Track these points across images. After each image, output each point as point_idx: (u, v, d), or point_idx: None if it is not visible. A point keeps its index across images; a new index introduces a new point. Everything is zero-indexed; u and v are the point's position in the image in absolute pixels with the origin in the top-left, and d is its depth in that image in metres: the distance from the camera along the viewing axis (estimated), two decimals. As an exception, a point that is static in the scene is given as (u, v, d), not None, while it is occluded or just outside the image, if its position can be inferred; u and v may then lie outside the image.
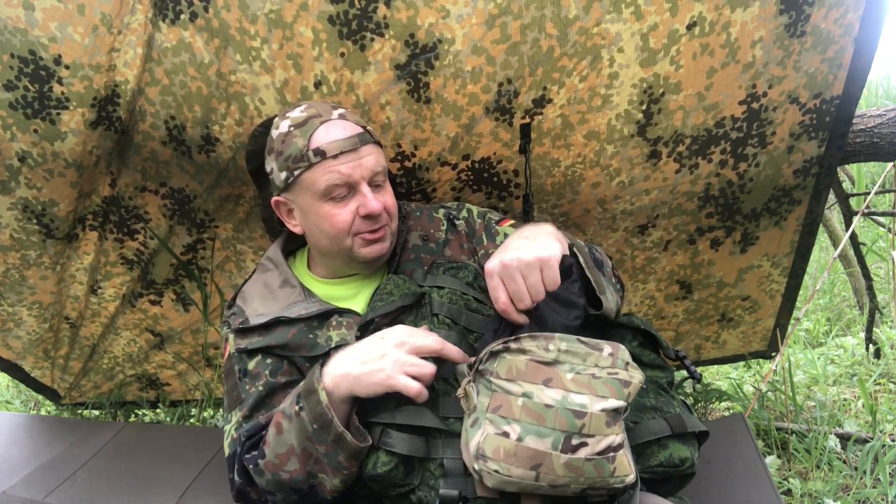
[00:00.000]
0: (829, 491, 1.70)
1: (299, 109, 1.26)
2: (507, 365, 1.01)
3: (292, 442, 1.09)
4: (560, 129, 1.58)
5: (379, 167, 1.24)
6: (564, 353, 1.00)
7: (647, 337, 1.23)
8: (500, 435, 0.97)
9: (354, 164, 1.20)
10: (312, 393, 1.07)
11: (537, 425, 0.96)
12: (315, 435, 1.07)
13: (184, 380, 2.31)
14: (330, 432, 1.05)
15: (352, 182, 1.21)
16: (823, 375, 2.45)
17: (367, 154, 1.22)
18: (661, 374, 1.22)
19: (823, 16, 1.46)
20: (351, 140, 1.21)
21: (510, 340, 1.02)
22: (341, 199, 1.22)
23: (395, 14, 1.38)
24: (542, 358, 1.00)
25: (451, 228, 1.37)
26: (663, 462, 1.11)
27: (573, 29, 1.42)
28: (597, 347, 1.01)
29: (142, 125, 1.61)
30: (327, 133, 1.21)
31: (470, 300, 1.18)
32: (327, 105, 1.27)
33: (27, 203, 1.69)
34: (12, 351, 2.11)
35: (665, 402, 1.17)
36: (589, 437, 0.96)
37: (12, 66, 1.45)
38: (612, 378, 1.00)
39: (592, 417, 0.96)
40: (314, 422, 1.06)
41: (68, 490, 1.64)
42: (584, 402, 0.97)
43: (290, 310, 1.25)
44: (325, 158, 1.19)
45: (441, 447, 1.07)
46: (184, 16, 1.43)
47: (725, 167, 1.69)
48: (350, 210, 1.22)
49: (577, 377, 0.99)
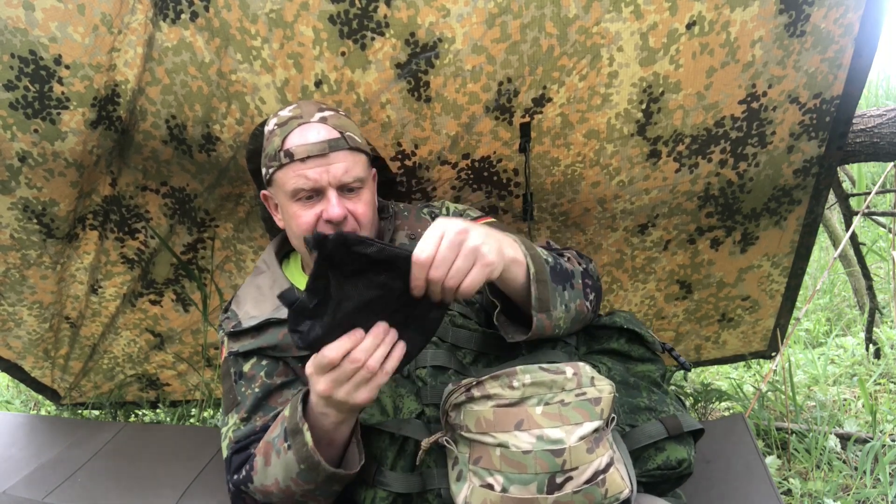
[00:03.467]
0: (829, 491, 1.70)
1: (288, 109, 1.27)
2: (474, 417, 0.97)
3: (277, 477, 1.07)
4: (560, 128, 1.58)
5: (349, 176, 1.22)
6: (530, 387, 0.97)
7: (632, 334, 1.23)
8: (485, 487, 0.95)
9: (322, 169, 1.20)
10: (297, 433, 1.02)
11: (519, 473, 0.94)
12: (302, 476, 1.04)
13: (184, 380, 2.31)
14: (320, 473, 1.02)
15: (318, 187, 1.21)
16: (823, 375, 2.45)
17: (336, 161, 1.21)
18: (653, 367, 1.22)
19: (823, 15, 1.46)
20: (320, 145, 1.20)
21: (473, 387, 0.98)
22: (307, 200, 1.22)
23: (396, 13, 1.38)
24: (508, 400, 0.97)
25: None
26: (661, 465, 1.11)
27: (573, 28, 1.42)
28: (559, 371, 0.98)
29: (142, 124, 1.61)
30: (300, 136, 1.22)
31: (455, 316, 1.17)
32: (315, 107, 1.27)
33: (27, 203, 1.69)
34: (12, 351, 2.11)
35: (659, 401, 1.17)
36: (573, 470, 0.94)
37: (12, 66, 1.45)
38: (581, 401, 0.97)
39: (572, 451, 0.94)
40: (301, 462, 1.03)
41: (68, 490, 1.64)
42: (559, 436, 0.94)
43: (280, 311, 1.25)
44: (293, 161, 1.20)
45: (437, 478, 1.06)
46: (184, 15, 1.43)
47: (725, 167, 1.69)
48: (314, 213, 1.22)
49: (547, 409, 0.96)
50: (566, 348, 1.20)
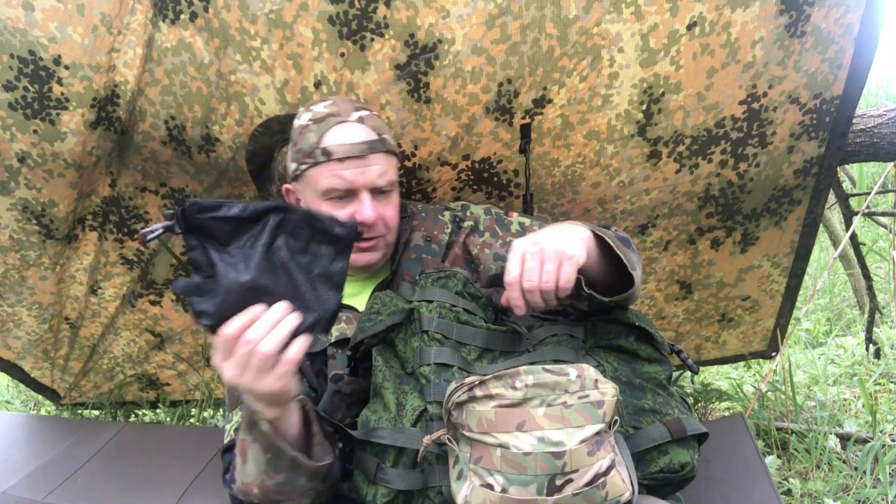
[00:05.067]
0: (829, 491, 1.70)
1: (323, 105, 1.26)
2: (476, 417, 0.97)
3: (252, 472, 1.05)
4: (560, 129, 1.58)
5: (384, 179, 1.23)
6: (532, 388, 0.97)
7: (642, 332, 1.23)
8: (485, 487, 0.95)
9: (359, 170, 1.20)
10: (254, 424, 1.00)
11: (518, 475, 0.94)
12: (270, 465, 1.02)
13: (184, 380, 2.31)
14: (283, 459, 1.01)
15: (352, 188, 1.21)
16: (823, 375, 2.45)
17: (374, 163, 1.21)
18: (660, 368, 1.21)
19: (823, 16, 1.46)
20: (359, 146, 1.20)
21: (475, 386, 0.98)
22: (339, 200, 1.22)
23: (395, 14, 1.38)
24: (510, 400, 0.97)
25: (456, 230, 1.37)
26: (664, 468, 1.10)
27: (573, 29, 1.42)
28: (562, 373, 0.98)
29: (142, 125, 1.61)
30: (339, 135, 1.21)
31: (460, 312, 1.16)
32: (351, 105, 1.26)
33: (27, 203, 1.69)
34: (12, 351, 2.11)
35: (664, 403, 1.16)
36: (573, 472, 0.94)
37: (12, 66, 1.45)
38: (583, 403, 0.97)
39: (572, 454, 0.94)
40: (266, 451, 1.01)
41: (68, 490, 1.64)
42: (561, 438, 0.94)
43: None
44: (331, 160, 1.19)
45: (438, 475, 1.06)
46: (184, 16, 1.43)
47: (725, 167, 1.69)
48: (345, 214, 1.21)
49: (549, 410, 0.96)
50: (573, 343, 1.18)
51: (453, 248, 1.35)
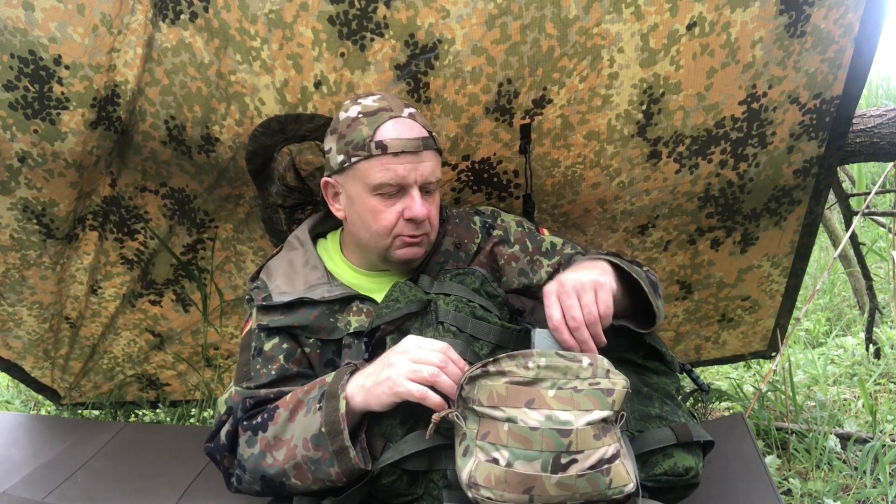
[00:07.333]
0: (829, 491, 1.70)
1: (372, 98, 1.26)
2: (487, 391, 0.99)
3: (294, 433, 1.09)
4: (560, 129, 1.58)
5: (433, 176, 1.24)
6: (545, 370, 0.99)
7: (651, 350, 1.23)
8: (490, 462, 0.96)
9: (412, 166, 1.20)
10: (333, 397, 1.07)
11: (524, 449, 0.95)
12: (319, 439, 1.06)
13: (184, 380, 2.31)
14: (335, 442, 1.05)
15: (405, 184, 1.21)
16: (823, 375, 2.45)
17: (426, 160, 1.22)
18: (668, 380, 1.22)
19: (823, 16, 1.46)
20: (415, 142, 1.21)
21: (489, 363, 1.00)
22: (389, 196, 1.22)
23: (395, 14, 1.38)
24: (522, 378, 0.98)
25: (485, 237, 1.37)
26: (668, 471, 1.11)
27: (573, 29, 1.42)
28: (575, 359, 1.00)
29: (142, 125, 1.61)
30: (394, 129, 1.21)
31: (476, 307, 1.17)
32: (400, 101, 1.27)
33: (27, 203, 1.69)
34: (12, 351, 2.11)
35: (671, 411, 1.17)
36: (578, 453, 0.95)
37: (12, 66, 1.45)
38: (593, 389, 0.98)
39: (578, 433, 0.95)
40: (325, 425, 1.06)
41: (68, 490, 1.64)
42: (568, 418, 0.96)
43: (313, 291, 1.26)
44: (385, 154, 1.20)
45: (444, 458, 1.07)
46: (184, 16, 1.43)
47: (725, 167, 1.69)
48: (396, 210, 1.22)
49: (559, 393, 0.98)
50: None
51: (479, 255, 1.35)
